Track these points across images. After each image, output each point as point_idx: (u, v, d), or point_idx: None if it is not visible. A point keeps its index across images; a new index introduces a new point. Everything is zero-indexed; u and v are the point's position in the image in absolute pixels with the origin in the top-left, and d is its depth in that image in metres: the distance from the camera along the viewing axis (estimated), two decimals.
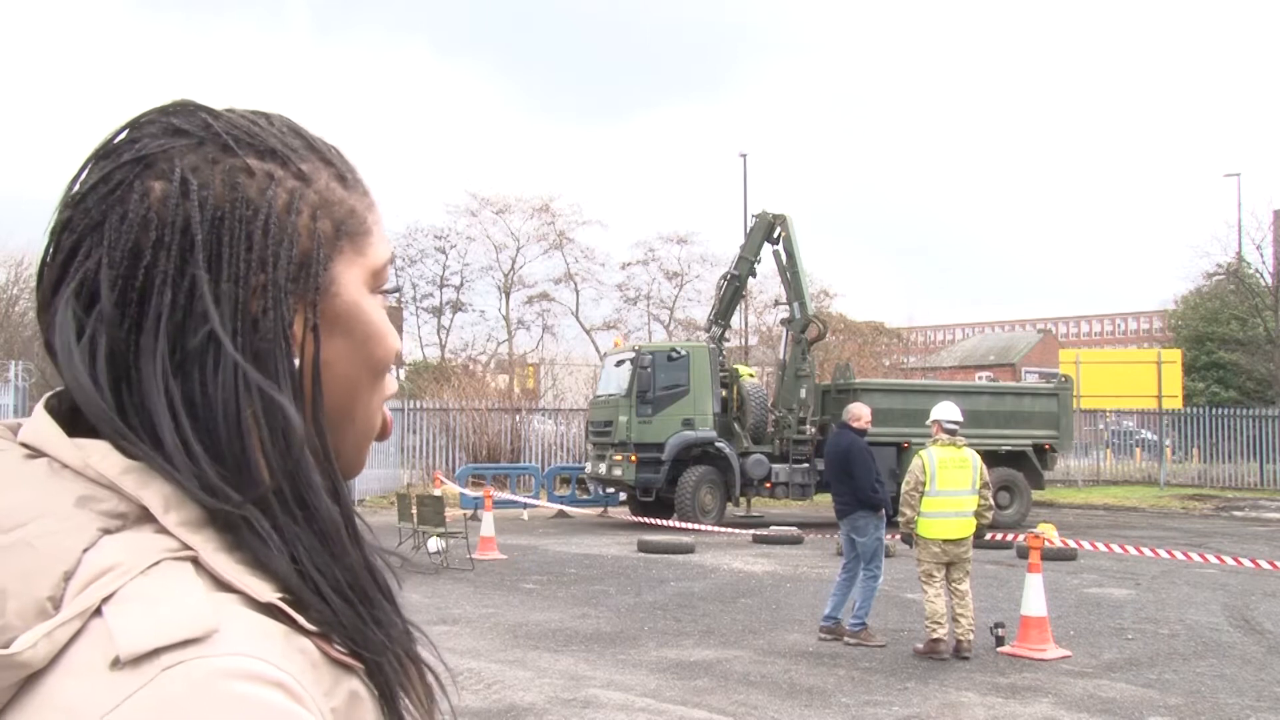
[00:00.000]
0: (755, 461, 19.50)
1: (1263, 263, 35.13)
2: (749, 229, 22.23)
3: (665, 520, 17.95)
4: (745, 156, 36.25)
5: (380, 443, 0.84)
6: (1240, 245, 35.24)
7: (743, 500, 20.41)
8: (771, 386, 23.14)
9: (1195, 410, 30.41)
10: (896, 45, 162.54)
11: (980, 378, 46.96)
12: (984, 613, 9.60)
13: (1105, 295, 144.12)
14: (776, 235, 21.16)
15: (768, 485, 19.74)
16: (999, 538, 12.33)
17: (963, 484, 8.76)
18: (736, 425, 20.01)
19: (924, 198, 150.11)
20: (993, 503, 9.24)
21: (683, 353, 19.68)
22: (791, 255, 20.83)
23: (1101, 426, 32.55)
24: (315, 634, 0.66)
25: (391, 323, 0.79)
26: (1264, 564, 9.90)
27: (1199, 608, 11.03)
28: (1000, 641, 8.91)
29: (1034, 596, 8.77)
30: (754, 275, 22.63)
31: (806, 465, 19.67)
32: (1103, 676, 8.05)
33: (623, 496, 21.16)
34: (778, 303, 25.15)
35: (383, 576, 0.75)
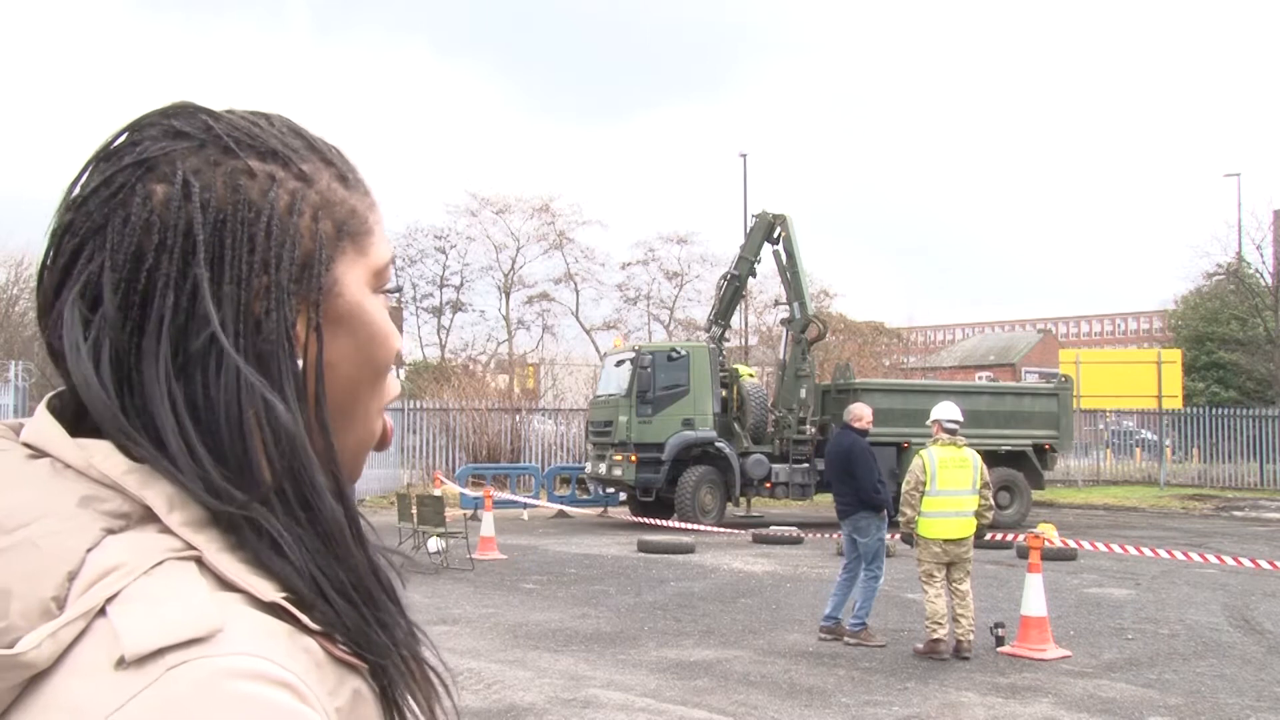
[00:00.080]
0: (755, 461, 19.50)
1: (1263, 263, 35.19)
2: (749, 229, 22.23)
3: (665, 520, 17.96)
4: (745, 156, 36.33)
5: (379, 451, 0.84)
6: (1240, 245, 35.31)
7: (743, 500, 20.41)
8: (771, 386, 23.13)
9: (1195, 410, 30.41)
10: (896, 45, 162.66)
11: (980, 378, 46.95)
12: (984, 613, 9.60)
13: (1105, 295, 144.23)
14: (776, 235, 21.16)
15: (768, 485, 19.74)
16: (999, 538, 12.34)
17: (963, 484, 8.76)
18: (736, 425, 20.01)
19: (924, 198, 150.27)
20: (993, 503, 9.23)
21: (683, 353, 19.68)
22: (791, 255, 20.83)
23: (1101, 426, 32.54)
24: (319, 633, 0.66)
25: (392, 323, 0.79)
26: (1264, 564, 9.90)
27: (1199, 608, 11.03)
28: (1000, 641, 8.91)
29: (1034, 596, 8.77)
30: (754, 275, 22.63)
31: (806, 465, 19.67)
32: (1103, 676, 8.05)
33: (623, 496, 21.16)
34: (778, 303, 25.15)
35: (387, 577, 0.75)
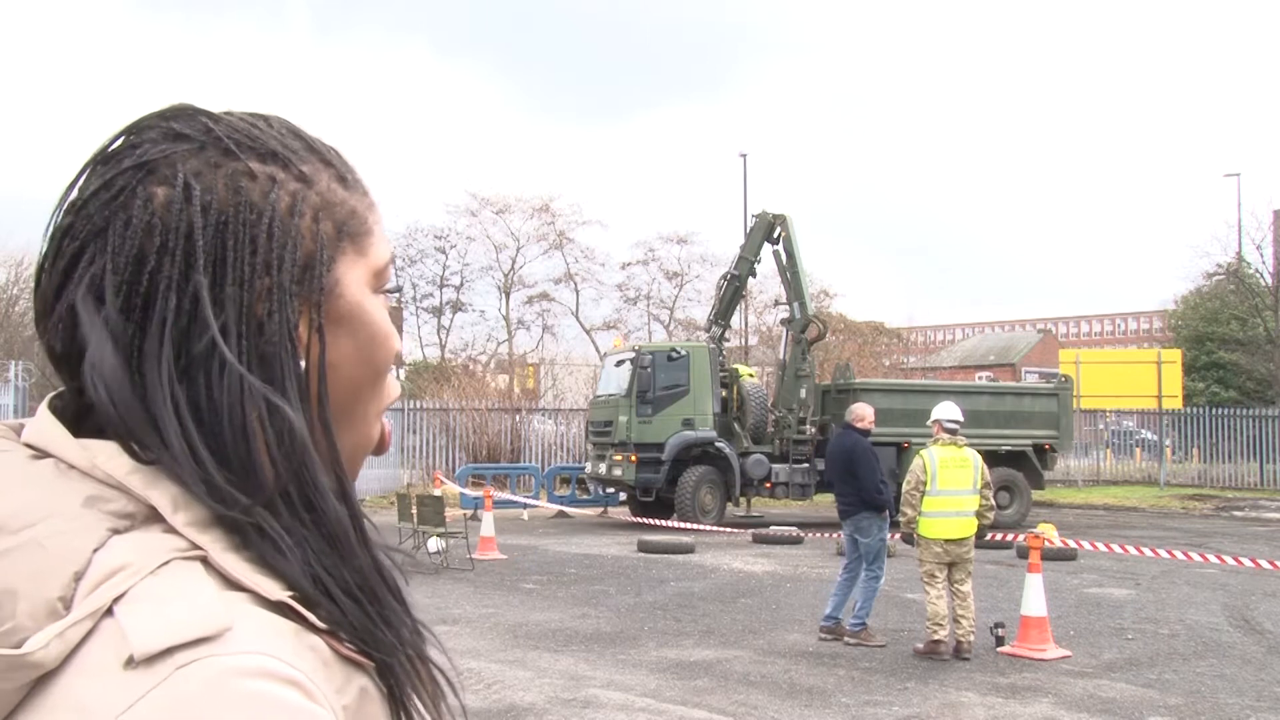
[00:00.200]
0: (755, 461, 19.50)
1: (1263, 263, 35.21)
2: (749, 229, 22.22)
3: (665, 520, 17.95)
4: (745, 156, 36.35)
5: (377, 456, 0.84)
6: (1240, 245, 35.32)
7: (743, 500, 20.41)
8: (771, 386, 23.13)
9: (1195, 410, 30.40)
10: (896, 45, 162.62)
11: (980, 378, 46.95)
12: (984, 613, 9.60)
13: (1105, 295, 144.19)
14: (776, 235, 21.16)
15: (768, 485, 19.73)
16: (999, 538, 12.33)
17: (964, 484, 8.76)
18: (736, 425, 20.01)
19: (924, 198, 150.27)
20: (994, 503, 9.23)
21: (683, 353, 19.68)
22: (791, 255, 20.83)
23: (1101, 426, 32.53)
24: (325, 632, 0.67)
25: (392, 323, 0.79)
26: (1264, 564, 9.90)
27: (1199, 608, 11.03)
28: (1000, 641, 8.91)
29: (1034, 596, 8.77)
30: (754, 275, 22.63)
31: (806, 465, 19.67)
32: (1103, 676, 8.05)
33: (623, 496, 21.15)
34: (778, 303, 25.15)
35: (392, 576, 0.75)
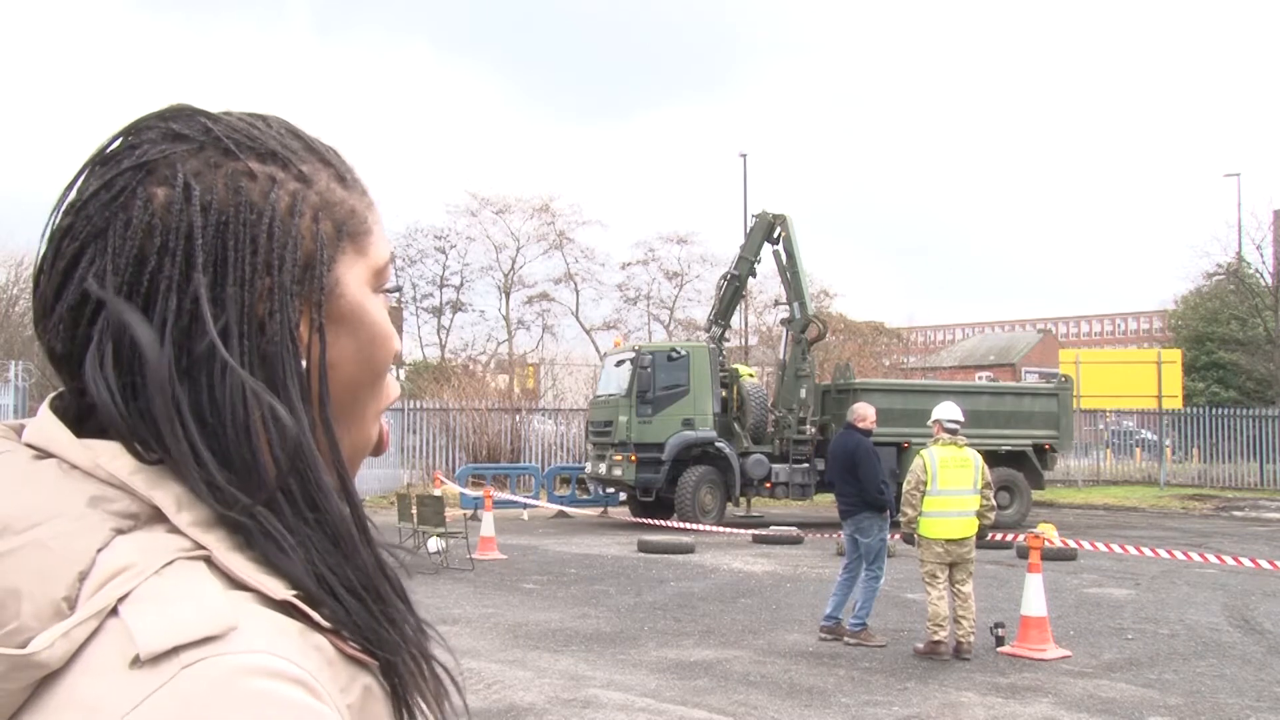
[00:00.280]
0: (755, 461, 19.50)
1: (1263, 263, 35.23)
2: (749, 229, 22.23)
3: (665, 520, 17.97)
4: (745, 156, 36.36)
5: (376, 456, 0.84)
6: (1240, 245, 35.33)
7: (743, 500, 20.41)
8: (771, 386, 23.13)
9: (1195, 410, 30.40)
10: (896, 45, 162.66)
11: (980, 378, 46.92)
12: (984, 613, 9.60)
13: (1105, 295, 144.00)
14: (776, 235, 21.16)
15: (768, 485, 19.74)
16: (999, 538, 12.33)
17: (964, 484, 8.75)
18: (736, 425, 20.01)
19: (924, 198, 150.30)
20: (994, 503, 9.23)
21: (683, 353, 19.68)
22: (791, 255, 20.83)
23: (1101, 426, 32.55)
24: (329, 631, 0.67)
25: (392, 323, 0.80)
26: (1264, 564, 9.90)
27: (1199, 608, 11.03)
28: (1000, 641, 8.91)
29: (1034, 596, 8.77)
30: (754, 275, 22.63)
31: (806, 465, 19.67)
32: (1103, 676, 8.05)
33: (623, 496, 21.16)
34: (778, 303, 25.15)
35: (395, 575, 0.75)
